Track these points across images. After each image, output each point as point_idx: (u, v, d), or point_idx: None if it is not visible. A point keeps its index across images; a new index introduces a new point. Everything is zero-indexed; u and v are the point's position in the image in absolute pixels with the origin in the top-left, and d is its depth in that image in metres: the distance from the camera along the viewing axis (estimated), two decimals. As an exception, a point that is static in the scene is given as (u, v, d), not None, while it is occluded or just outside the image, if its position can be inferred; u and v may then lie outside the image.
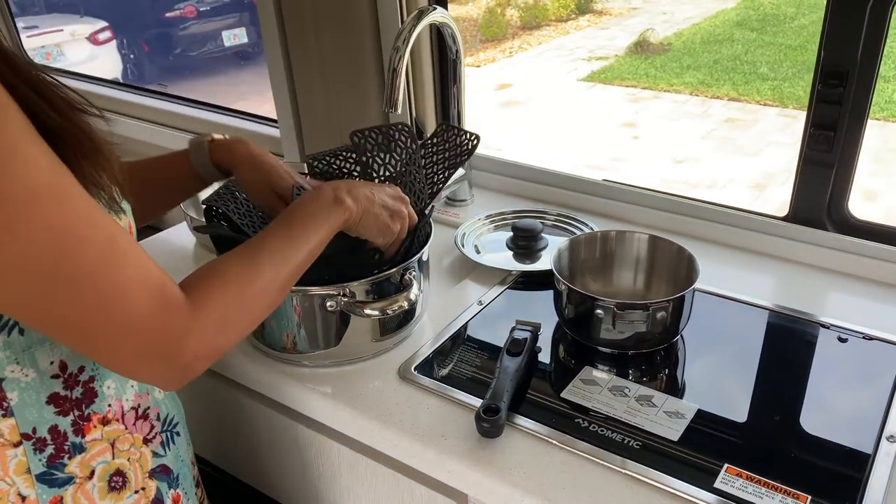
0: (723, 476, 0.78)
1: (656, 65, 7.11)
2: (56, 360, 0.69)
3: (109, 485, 0.74)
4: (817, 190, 1.16)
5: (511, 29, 8.45)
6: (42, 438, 0.69)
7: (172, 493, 0.82)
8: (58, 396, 0.70)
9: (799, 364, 0.99)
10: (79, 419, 0.71)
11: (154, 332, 0.62)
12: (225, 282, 0.69)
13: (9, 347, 0.65)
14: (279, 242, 0.75)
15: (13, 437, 0.68)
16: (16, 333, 0.65)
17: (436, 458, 0.84)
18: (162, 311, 0.62)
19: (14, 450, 0.68)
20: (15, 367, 0.67)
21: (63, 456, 0.71)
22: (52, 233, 0.56)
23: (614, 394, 0.90)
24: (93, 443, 0.73)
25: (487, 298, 1.11)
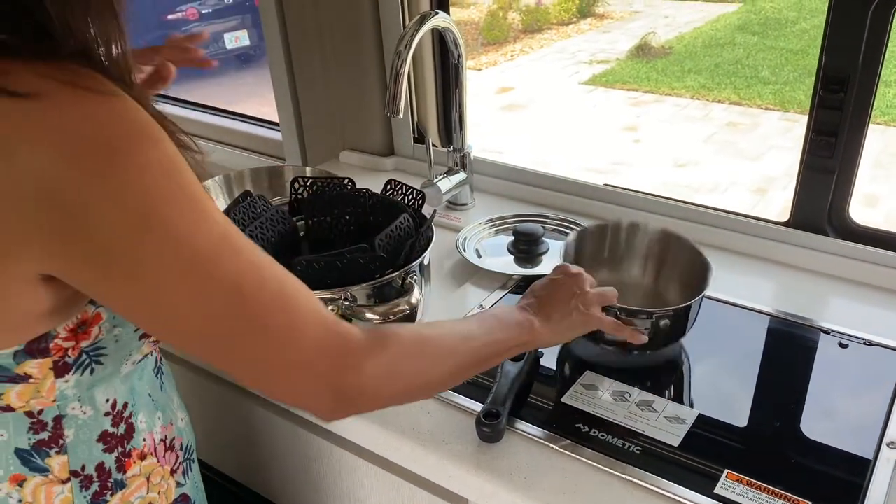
0: (723, 482, 0.78)
1: (658, 68, 7.11)
2: (110, 398, 0.70)
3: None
4: (818, 195, 1.16)
5: (513, 32, 8.46)
6: (89, 476, 0.70)
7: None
8: (107, 434, 0.70)
9: (799, 369, 0.99)
10: (121, 455, 0.72)
11: (329, 365, 0.61)
12: (405, 337, 0.68)
13: (78, 386, 0.66)
14: (464, 334, 0.74)
15: (62, 475, 0.68)
16: (87, 373, 0.65)
17: (436, 463, 0.84)
18: (337, 344, 0.61)
19: (61, 486, 0.68)
20: (76, 404, 0.67)
21: (106, 493, 0.71)
22: (232, 284, 0.56)
23: (615, 399, 0.90)
24: (133, 478, 0.73)
25: (488, 303, 1.11)
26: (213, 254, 0.56)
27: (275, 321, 0.58)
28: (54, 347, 0.62)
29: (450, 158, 1.38)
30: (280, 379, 0.61)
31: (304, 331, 0.60)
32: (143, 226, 0.53)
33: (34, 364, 0.62)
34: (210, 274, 0.55)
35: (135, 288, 0.55)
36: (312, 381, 0.61)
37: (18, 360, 0.61)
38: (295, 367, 0.60)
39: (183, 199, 0.55)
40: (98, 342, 0.64)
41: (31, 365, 0.62)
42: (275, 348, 0.59)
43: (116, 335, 0.66)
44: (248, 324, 0.58)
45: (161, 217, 0.53)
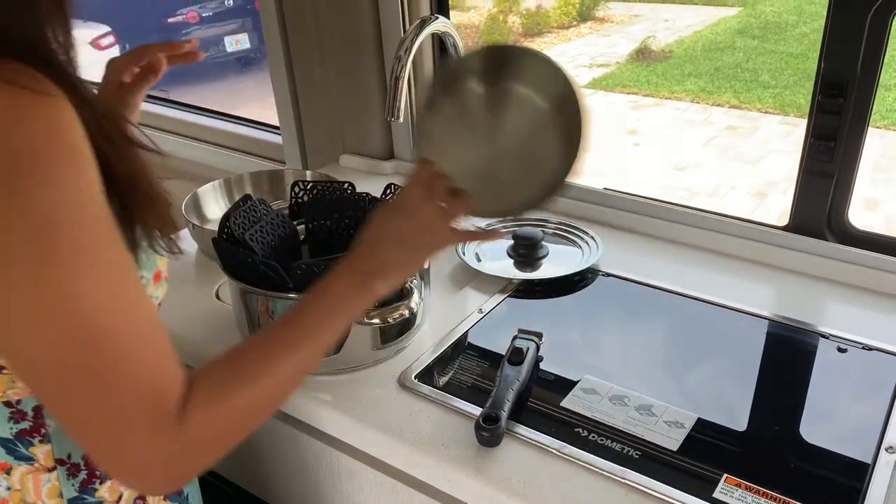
0: (722, 486, 0.78)
1: (658, 72, 7.12)
2: None
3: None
4: (818, 200, 1.16)
5: (513, 36, 8.46)
6: (76, 464, 0.70)
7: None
8: None
9: (798, 374, 0.99)
10: None
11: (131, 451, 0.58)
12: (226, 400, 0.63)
13: None
14: (292, 341, 0.68)
15: (48, 463, 0.69)
16: None
17: (435, 467, 0.84)
18: (147, 427, 0.58)
19: (48, 474, 0.69)
20: None
21: (95, 481, 0.72)
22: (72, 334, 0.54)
23: (614, 403, 0.91)
24: None
25: (488, 306, 1.12)
26: (73, 302, 0.54)
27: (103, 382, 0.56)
28: None
29: (450, 162, 1.38)
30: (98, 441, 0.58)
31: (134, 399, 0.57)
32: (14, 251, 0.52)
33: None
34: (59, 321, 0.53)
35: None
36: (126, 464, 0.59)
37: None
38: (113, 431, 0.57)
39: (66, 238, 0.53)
40: None
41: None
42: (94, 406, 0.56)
43: None
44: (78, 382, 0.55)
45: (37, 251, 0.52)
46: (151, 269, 0.69)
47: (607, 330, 1.10)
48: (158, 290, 0.71)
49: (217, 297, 1.16)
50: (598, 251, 1.22)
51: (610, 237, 1.28)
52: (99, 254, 0.55)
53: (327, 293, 0.72)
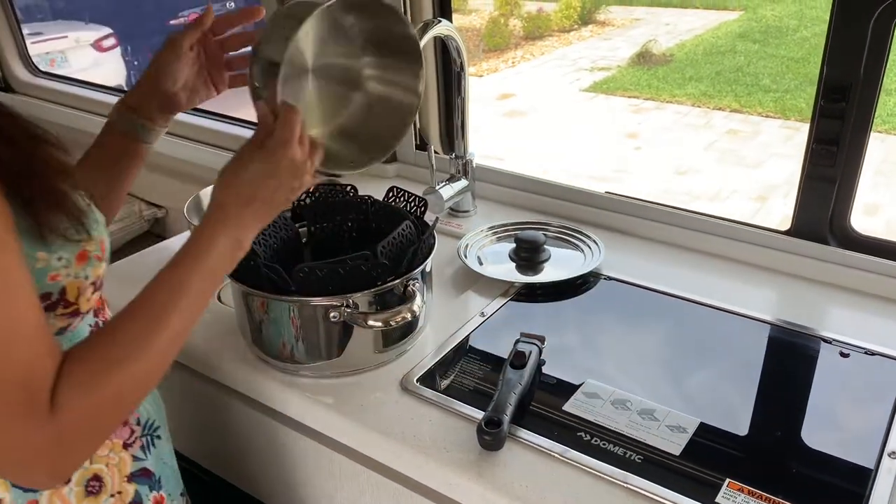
0: (724, 491, 0.78)
1: (658, 76, 7.13)
2: None
3: (87, 489, 0.76)
4: (820, 204, 1.16)
5: (514, 39, 8.48)
6: None
7: (155, 495, 0.83)
8: None
9: (800, 379, 0.99)
10: None
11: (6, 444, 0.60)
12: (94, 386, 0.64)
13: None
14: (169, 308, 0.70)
15: None
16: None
17: (437, 471, 0.84)
18: (18, 418, 0.60)
19: None
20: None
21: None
22: None
23: (616, 407, 0.90)
24: None
25: (490, 310, 1.12)
26: None
27: None
28: None
29: (452, 166, 1.39)
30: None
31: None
32: None
33: None
34: None
35: None
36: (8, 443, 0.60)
37: None
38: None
39: None
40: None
41: None
42: None
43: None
44: None
45: None
46: (72, 251, 0.70)
47: (609, 334, 1.10)
48: (87, 269, 0.71)
49: (219, 300, 1.16)
50: (600, 255, 1.22)
51: (612, 241, 1.28)
52: None
53: (203, 259, 0.73)
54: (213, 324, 1.09)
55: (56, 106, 2.23)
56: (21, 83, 2.36)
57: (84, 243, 0.70)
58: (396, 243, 0.97)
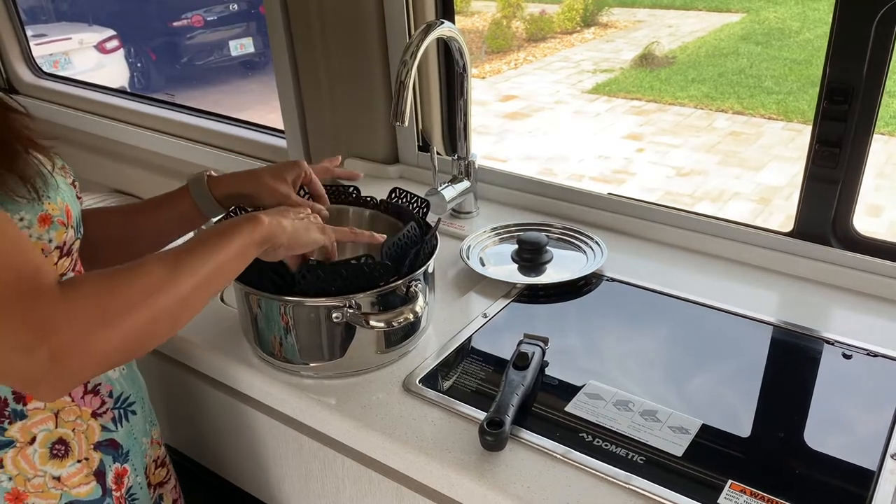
0: (727, 492, 0.78)
1: (661, 78, 7.13)
2: None
3: (51, 451, 0.78)
4: (822, 206, 1.16)
5: (517, 41, 8.48)
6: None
7: (118, 466, 0.86)
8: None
9: (803, 380, 0.99)
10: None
11: (16, 320, 0.60)
12: (107, 277, 0.66)
13: None
14: (183, 253, 0.73)
15: None
16: None
17: (439, 471, 0.84)
18: (26, 295, 0.60)
19: None
20: None
21: (3, 421, 0.75)
22: None
23: (619, 408, 0.90)
24: (34, 411, 0.77)
25: (492, 311, 1.12)
26: None
27: None
28: None
29: (454, 167, 1.39)
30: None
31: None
32: None
33: None
34: None
35: None
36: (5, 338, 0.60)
37: None
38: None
39: None
40: None
41: None
42: None
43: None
44: None
45: None
46: (33, 213, 0.72)
47: (611, 335, 1.10)
48: (50, 232, 0.74)
49: (222, 301, 1.17)
50: (603, 256, 1.22)
51: (614, 242, 1.28)
52: None
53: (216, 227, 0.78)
54: (216, 324, 1.09)
55: (59, 107, 2.24)
56: (25, 84, 2.36)
57: (46, 206, 0.73)
58: (399, 244, 0.97)
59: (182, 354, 1.10)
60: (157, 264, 0.69)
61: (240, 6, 7.57)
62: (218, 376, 1.06)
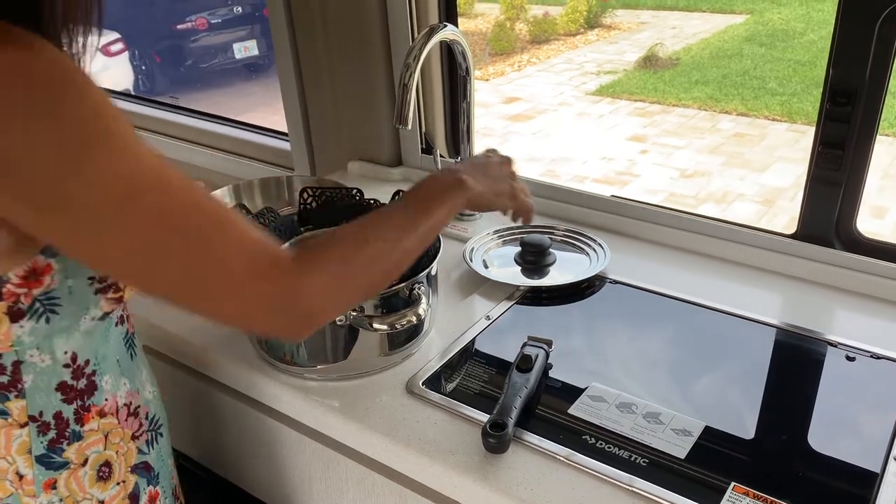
0: (729, 494, 0.78)
1: (665, 79, 7.12)
2: (70, 351, 0.73)
3: (98, 473, 0.78)
4: (825, 208, 1.16)
5: (520, 43, 8.48)
6: (46, 423, 0.72)
7: (151, 489, 0.85)
8: (65, 385, 0.73)
9: (806, 382, 0.99)
10: (80, 409, 0.75)
11: (263, 289, 0.65)
12: (336, 244, 0.71)
13: (34, 333, 0.68)
14: (396, 218, 0.78)
15: (21, 418, 0.71)
16: (43, 321, 0.68)
17: (443, 473, 0.84)
18: (268, 270, 0.65)
19: (20, 430, 0.71)
20: (35, 351, 0.70)
21: (63, 441, 0.74)
22: (160, 214, 0.61)
23: (622, 410, 0.90)
24: (90, 432, 0.76)
25: (495, 313, 1.12)
26: (139, 188, 0.60)
27: (205, 247, 0.62)
28: (7, 293, 0.65)
29: (457, 169, 1.39)
30: (216, 302, 0.65)
31: (235, 255, 0.64)
32: (71, 165, 0.57)
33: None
34: (138, 206, 0.59)
35: (68, 223, 0.59)
36: (250, 303, 0.65)
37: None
38: (229, 290, 0.64)
39: (108, 138, 0.59)
40: (51, 292, 0.68)
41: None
42: (208, 273, 0.63)
43: (70, 286, 0.69)
44: (179, 250, 0.62)
45: (88, 156, 0.57)
46: None
47: (615, 337, 1.10)
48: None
49: (225, 303, 1.17)
50: (606, 258, 1.22)
51: (617, 244, 1.28)
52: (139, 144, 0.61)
53: (423, 189, 0.83)
54: (220, 327, 1.09)
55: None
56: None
57: None
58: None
59: (186, 357, 1.10)
60: (384, 228, 0.75)
61: (244, 9, 7.59)
62: (222, 378, 1.06)
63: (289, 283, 0.65)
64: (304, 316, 0.67)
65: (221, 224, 0.64)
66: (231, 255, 0.63)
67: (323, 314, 0.70)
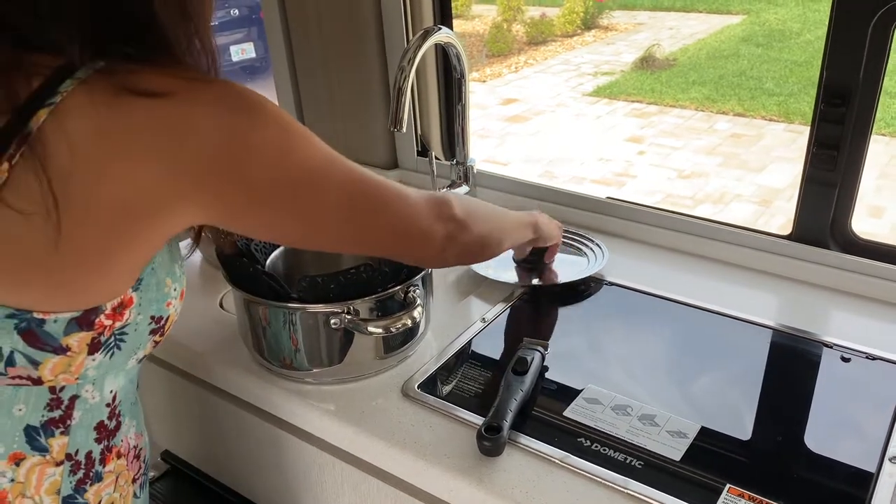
0: (725, 496, 0.78)
1: (662, 80, 7.12)
2: (114, 390, 0.72)
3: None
4: (821, 209, 1.16)
5: (517, 44, 8.49)
6: (78, 462, 0.72)
7: None
8: (103, 424, 0.73)
9: (802, 383, 0.99)
10: (105, 449, 0.74)
11: (443, 227, 0.83)
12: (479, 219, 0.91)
13: (99, 368, 0.68)
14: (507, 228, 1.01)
15: (59, 457, 0.70)
16: (108, 356, 0.68)
17: (438, 477, 0.84)
18: (442, 220, 0.83)
19: (55, 468, 0.70)
20: (90, 387, 0.69)
21: (87, 482, 0.73)
22: (353, 184, 0.73)
23: (617, 413, 0.90)
24: (108, 474, 0.75)
25: (491, 315, 1.12)
26: (331, 166, 0.71)
27: (397, 205, 0.78)
28: (99, 323, 0.64)
29: (453, 172, 1.39)
30: (414, 244, 0.83)
31: (421, 210, 0.80)
32: (284, 159, 0.67)
33: (77, 337, 0.64)
34: (334, 180, 0.71)
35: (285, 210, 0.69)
36: (435, 241, 0.83)
37: (68, 331, 0.63)
38: (421, 233, 0.81)
39: (301, 133, 0.69)
40: (126, 326, 0.67)
41: (75, 337, 0.64)
42: (404, 223, 0.79)
43: (137, 323, 0.68)
44: (380, 210, 0.76)
45: (294, 148, 0.68)
46: (182, 285, 0.74)
47: (611, 339, 1.10)
48: (179, 307, 0.75)
49: (221, 307, 1.17)
50: (603, 260, 1.22)
51: (614, 246, 1.28)
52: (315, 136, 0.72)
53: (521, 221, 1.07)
54: (215, 331, 1.09)
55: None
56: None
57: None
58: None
59: (181, 360, 1.10)
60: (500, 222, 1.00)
61: (241, 11, 7.58)
62: (217, 382, 1.06)
63: (455, 226, 0.84)
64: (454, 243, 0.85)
65: (398, 186, 0.78)
66: (418, 204, 0.80)
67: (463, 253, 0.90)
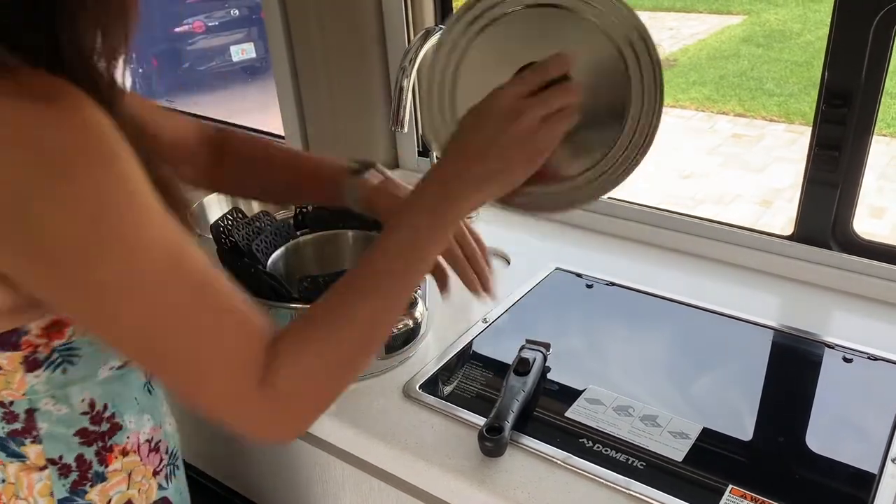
0: (727, 497, 0.78)
1: (662, 80, 7.11)
2: (87, 398, 0.71)
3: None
4: (822, 209, 1.16)
5: (517, 44, 8.47)
6: (68, 465, 0.71)
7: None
8: (86, 430, 0.72)
9: (804, 384, 0.99)
10: (102, 450, 0.73)
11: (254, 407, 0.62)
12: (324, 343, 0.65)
13: (49, 383, 0.67)
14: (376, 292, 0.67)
15: (39, 462, 0.70)
16: (59, 372, 0.67)
17: (439, 477, 0.84)
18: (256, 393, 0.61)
19: (39, 473, 0.70)
20: (49, 400, 0.69)
21: (85, 484, 0.73)
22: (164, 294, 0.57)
23: (619, 413, 0.90)
24: (113, 473, 0.75)
25: (492, 316, 1.12)
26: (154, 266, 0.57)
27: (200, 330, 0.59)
28: (25, 343, 0.64)
29: (454, 172, 1.39)
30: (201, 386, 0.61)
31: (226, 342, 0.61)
32: (89, 234, 0.54)
33: (6, 356, 0.64)
34: (145, 284, 0.56)
35: (75, 291, 0.56)
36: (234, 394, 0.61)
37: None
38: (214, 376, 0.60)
39: (129, 211, 0.56)
40: (72, 343, 0.66)
41: (3, 356, 0.64)
42: (198, 355, 0.59)
43: (92, 338, 0.67)
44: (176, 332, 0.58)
45: (106, 227, 0.54)
46: None
47: (612, 340, 1.10)
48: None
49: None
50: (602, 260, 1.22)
51: (615, 247, 1.28)
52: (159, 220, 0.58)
53: (403, 226, 0.68)
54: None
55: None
56: (26, 92, 2.37)
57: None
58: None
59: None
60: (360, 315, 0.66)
61: (241, 11, 7.58)
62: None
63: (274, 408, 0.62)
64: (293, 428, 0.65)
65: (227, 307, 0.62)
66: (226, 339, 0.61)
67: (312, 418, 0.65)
